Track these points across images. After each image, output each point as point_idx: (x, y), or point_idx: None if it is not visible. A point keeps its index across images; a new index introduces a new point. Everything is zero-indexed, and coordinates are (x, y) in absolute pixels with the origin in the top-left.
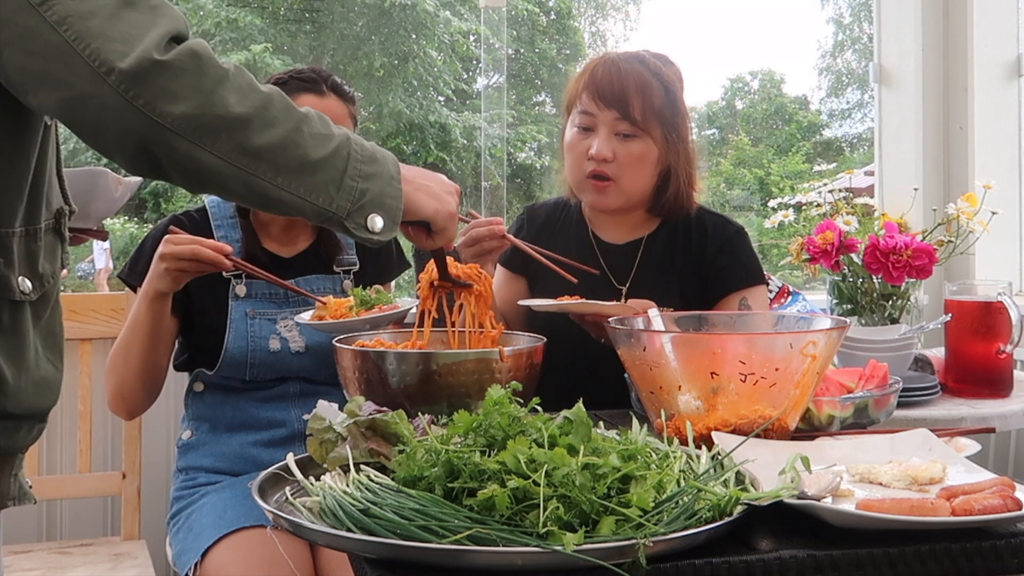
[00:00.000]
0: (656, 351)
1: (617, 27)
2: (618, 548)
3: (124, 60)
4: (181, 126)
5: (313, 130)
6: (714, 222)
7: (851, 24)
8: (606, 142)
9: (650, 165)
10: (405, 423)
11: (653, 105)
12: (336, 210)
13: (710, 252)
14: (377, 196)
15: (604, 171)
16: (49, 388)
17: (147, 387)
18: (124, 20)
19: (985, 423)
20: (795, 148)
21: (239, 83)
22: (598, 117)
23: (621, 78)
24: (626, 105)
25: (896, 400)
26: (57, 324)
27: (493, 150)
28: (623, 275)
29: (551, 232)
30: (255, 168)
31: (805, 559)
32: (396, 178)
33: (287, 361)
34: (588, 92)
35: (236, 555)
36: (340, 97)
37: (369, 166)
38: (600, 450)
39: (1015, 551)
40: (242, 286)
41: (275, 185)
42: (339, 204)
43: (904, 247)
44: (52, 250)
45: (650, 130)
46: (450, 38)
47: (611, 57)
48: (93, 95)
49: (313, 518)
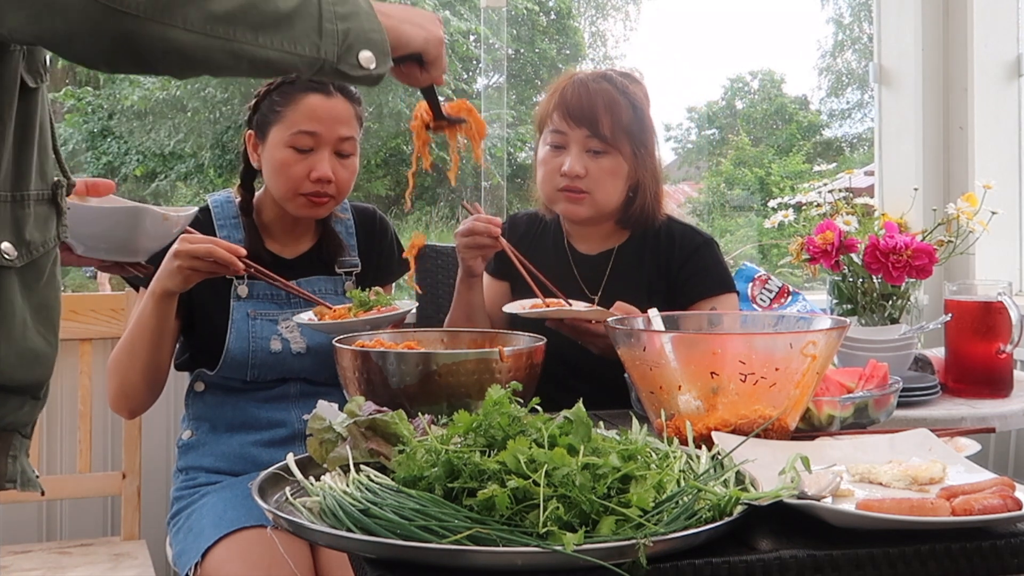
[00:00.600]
0: (656, 351)
1: (617, 27)
2: (618, 548)
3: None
4: (146, 9)
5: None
6: (682, 232)
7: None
8: (577, 159)
9: (620, 179)
10: (405, 423)
11: (622, 122)
12: (326, 55)
13: (677, 261)
14: (360, 33)
15: (577, 186)
16: (38, 361)
17: (150, 386)
18: None
19: (985, 423)
20: (795, 148)
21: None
22: (569, 135)
23: (590, 97)
24: (596, 123)
25: (896, 400)
26: (52, 298)
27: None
28: (595, 284)
29: (530, 241)
30: (232, 33)
31: (805, 559)
32: (372, 12)
33: (288, 362)
34: (559, 111)
35: (236, 555)
36: (347, 98)
37: (342, 6)
38: (600, 450)
39: (1015, 551)
40: (244, 287)
41: (258, 45)
42: (326, 49)
43: (904, 247)
44: (44, 220)
45: (619, 146)
46: (450, 38)
47: (579, 77)
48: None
49: (313, 518)
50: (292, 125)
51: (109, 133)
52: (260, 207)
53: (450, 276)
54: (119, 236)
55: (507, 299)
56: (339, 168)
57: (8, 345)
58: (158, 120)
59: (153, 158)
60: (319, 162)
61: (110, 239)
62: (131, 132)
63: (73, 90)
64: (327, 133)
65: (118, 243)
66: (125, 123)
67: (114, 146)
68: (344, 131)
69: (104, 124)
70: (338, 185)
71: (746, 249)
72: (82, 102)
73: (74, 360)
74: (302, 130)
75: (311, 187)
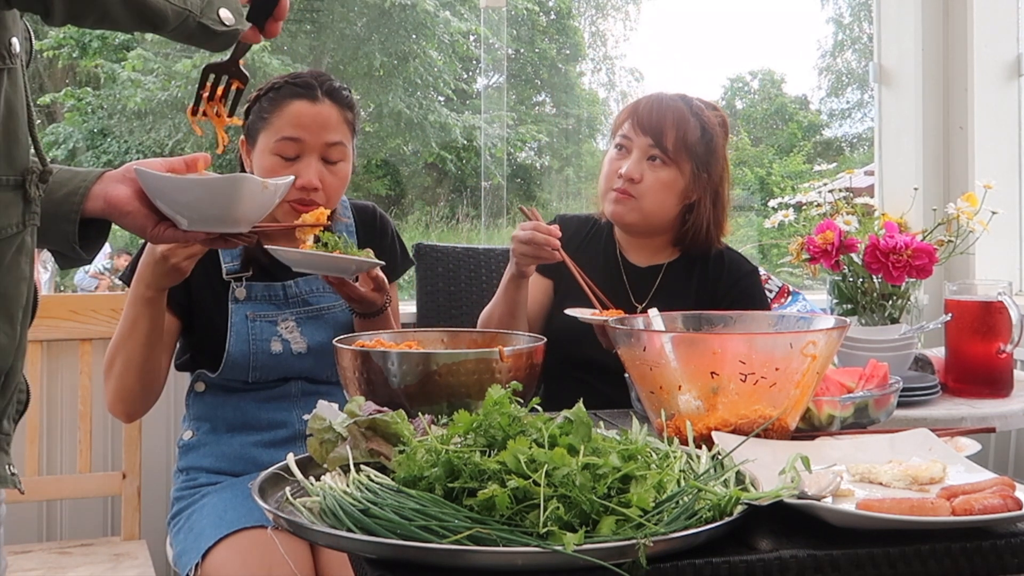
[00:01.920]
0: (656, 351)
1: (617, 27)
2: (618, 548)
3: None
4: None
5: None
6: (731, 258)
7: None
8: (636, 164)
9: (674, 194)
10: (405, 423)
11: (686, 139)
12: (191, 7)
13: (724, 285)
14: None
15: (629, 190)
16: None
17: (146, 389)
18: None
19: (985, 423)
20: (795, 148)
21: None
22: (634, 141)
23: (661, 110)
24: (660, 135)
25: (896, 400)
26: (11, 286)
27: (493, 150)
28: (642, 296)
29: (579, 243)
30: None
31: (805, 559)
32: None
33: (289, 362)
34: (630, 120)
35: (237, 555)
36: (336, 103)
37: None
38: (600, 450)
39: (1015, 551)
40: (241, 289)
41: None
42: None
43: (904, 247)
44: (7, 206)
45: (679, 162)
46: (450, 38)
47: (657, 94)
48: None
49: (313, 518)
50: (277, 132)
51: (109, 133)
52: None
53: (450, 276)
54: (221, 205)
55: (549, 296)
56: (326, 175)
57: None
58: (158, 120)
59: (153, 158)
60: (304, 169)
61: (212, 209)
62: (131, 132)
63: (73, 90)
64: (312, 139)
65: (220, 213)
66: (125, 123)
67: (114, 146)
68: (331, 137)
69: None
70: (326, 192)
71: (746, 249)
72: (82, 102)
73: (74, 360)
74: (286, 136)
75: (296, 195)
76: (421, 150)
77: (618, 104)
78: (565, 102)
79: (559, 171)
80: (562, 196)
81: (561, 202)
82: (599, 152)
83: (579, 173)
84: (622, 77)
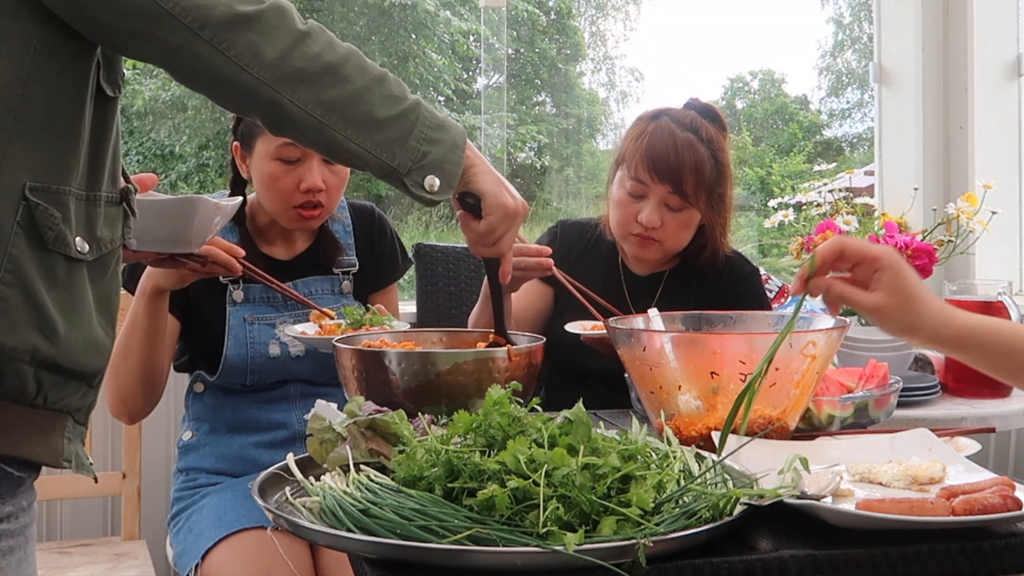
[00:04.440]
0: (656, 351)
1: (617, 27)
2: (618, 548)
3: (215, 12)
4: (266, 75)
5: (385, 91)
6: (732, 261)
7: (851, 24)
8: (655, 211)
9: (692, 228)
10: (405, 423)
11: (704, 180)
12: (397, 166)
13: (724, 287)
14: (438, 159)
15: (651, 235)
16: (99, 350)
17: (147, 390)
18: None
19: (985, 423)
20: (795, 148)
21: (319, 40)
22: (651, 188)
23: (677, 153)
24: (679, 182)
25: (896, 400)
26: (114, 293)
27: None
28: (643, 305)
29: (580, 252)
30: (328, 118)
31: (805, 559)
32: (460, 147)
33: (287, 365)
34: (643, 163)
35: (236, 556)
36: None
37: (435, 132)
38: (600, 450)
39: (1015, 551)
40: (239, 291)
41: (344, 136)
42: (400, 161)
43: (904, 247)
44: (114, 220)
45: (697, 202)
46: (450, 38)
47: (667, 125)
48: (185, 47)
49: (313, 518)
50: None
51: None
52: (254, 212)
53: (450, 276)
54: (171, 228)
55: (547, 303)
56: (328, 175)
57: (77, 332)
58: (158, 120)
59: (154, 158)
60: (307, 172)
61: (165, 232)
62: (131, 132)
63: None
64: None
65: (171, 235)
66: (125, 123)
67: None
68: None
69: None
70: (328, 192)
71: (746, 249)
72: None
73: None
74: (287, 141)
75: (301, 198)
76: None
77: (618, 104)
78: (565, 102)
79: (559, 171)
80: (562, 196)
81: (561, 202)
82: (599, 152)
83: (579, 173)
84: (622, 77)
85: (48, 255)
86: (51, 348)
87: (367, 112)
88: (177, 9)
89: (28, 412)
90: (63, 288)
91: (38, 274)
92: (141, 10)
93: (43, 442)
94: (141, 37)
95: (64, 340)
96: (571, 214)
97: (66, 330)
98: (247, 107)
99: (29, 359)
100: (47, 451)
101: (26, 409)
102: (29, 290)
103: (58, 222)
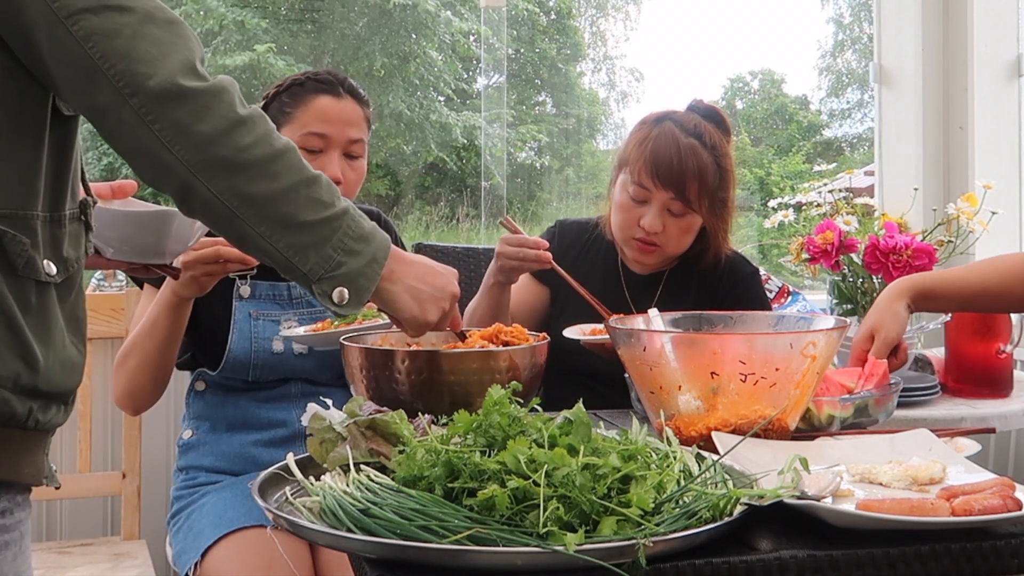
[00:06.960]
0: (656, 351)
1: (617, 27)
2: (618, 548)
3: (149, 82)
4: (186, 156)
5: (312, 194)
6: (731, 260)
7: (851, 24)
8: (657, 217)
9: (693, 233)
10: (405, 423)
11: (707, 187)
12: (308, 272)
13: (724, 287)
14: (352, 272)
15: (652, 240)
16: (74, 369)
17: (157, 386)
18: (147, 39)
19: (985, 423)
20: (795, 148)
21: (254, 130)
22: (653, 193)
23: (680, 160)
24: (683, 188)
25: (896, 400)
26: (81, 309)
27: (493, 150)
28: (643, 305)
29: (579, 251)
30: (243, 211)
31: (805, 559)
32: (379, 262)
33: (290, 362)
34: (646, 169)
35: (236, 555)
36: (356, 100)
37: (356, 243)
38: (600, 450)
39: (1015, 551)
40: (246, 287)
41: (257, 232)
42: (312, 268)
43: (904, 247)
44: (77, 238)
45: (700, 208)
46: (450, 38)
47: (671, 130)
48: (112, 110)
49: (313, 518)
50: (303, 126)
51: None
52: None
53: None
54: (148, 239)
55: (544, 304)
56: (348, 170)
57: (53, 355)
58: None
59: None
60: (329, 163)
61: (139, 242)
62: None
63: None
64: (337, 135)
65: (147, 246)
66: None
67: None
68: (354, 133)
69: None
70: (347, 187)
71: (746, 249)
72: None
73: None
74: (312, 131)
75: None
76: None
77: (618, 104)
78: (565, 102)
79: (559, 171)
80: (562, 196)
81: (561, 202)
82: (599, 152)
83: (579, 173)
84: (622, 77)
85: (20, 281)
86: (32, 374)
87: (287, 212)
88: (113, 71)
89: (18, 434)
90: (36, 313)
91: (13, 301)
92: (79, 63)
93: (31, 463)
94: (74, 88)
95: (43, 367)
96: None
97: (43, 354)
98: (161, 182)
99: (11, 386)
100: (33, 471)
101: (16, 431)
102: (7, 318)
103: (27, 248)
